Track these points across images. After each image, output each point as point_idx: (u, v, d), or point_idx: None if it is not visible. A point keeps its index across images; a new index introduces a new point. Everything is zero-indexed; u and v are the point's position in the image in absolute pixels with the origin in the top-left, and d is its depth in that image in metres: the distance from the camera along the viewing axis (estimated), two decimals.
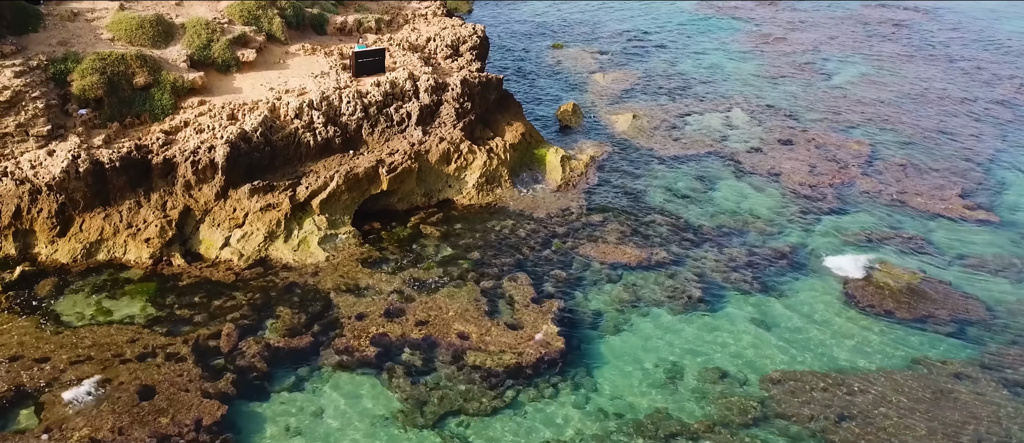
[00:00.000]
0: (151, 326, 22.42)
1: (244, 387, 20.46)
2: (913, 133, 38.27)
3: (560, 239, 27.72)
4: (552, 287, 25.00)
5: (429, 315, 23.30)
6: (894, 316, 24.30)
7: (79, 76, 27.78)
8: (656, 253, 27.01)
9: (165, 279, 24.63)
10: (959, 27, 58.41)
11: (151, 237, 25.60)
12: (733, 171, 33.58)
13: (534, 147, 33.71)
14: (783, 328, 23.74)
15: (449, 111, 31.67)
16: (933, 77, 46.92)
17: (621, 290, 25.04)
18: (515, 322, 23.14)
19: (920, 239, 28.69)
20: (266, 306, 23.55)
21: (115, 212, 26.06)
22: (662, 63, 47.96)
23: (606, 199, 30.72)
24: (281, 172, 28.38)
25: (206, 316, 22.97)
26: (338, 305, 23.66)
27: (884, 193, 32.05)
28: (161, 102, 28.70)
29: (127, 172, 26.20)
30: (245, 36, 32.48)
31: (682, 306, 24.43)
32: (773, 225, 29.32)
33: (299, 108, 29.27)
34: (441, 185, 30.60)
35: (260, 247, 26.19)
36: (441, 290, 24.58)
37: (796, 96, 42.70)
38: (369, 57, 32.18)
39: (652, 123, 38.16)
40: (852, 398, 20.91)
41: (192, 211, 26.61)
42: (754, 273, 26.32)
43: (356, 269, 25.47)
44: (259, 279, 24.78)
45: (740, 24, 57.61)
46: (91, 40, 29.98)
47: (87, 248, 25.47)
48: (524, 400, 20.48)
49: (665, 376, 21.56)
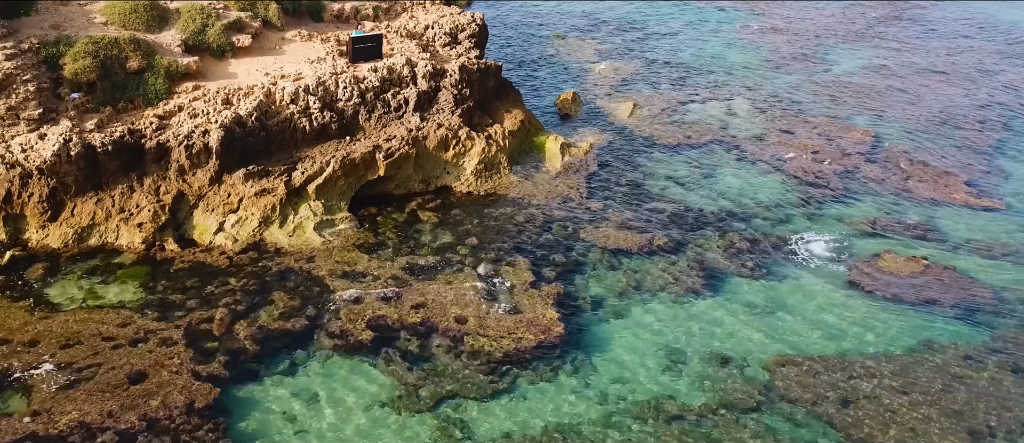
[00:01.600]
0: (143, 311, 22.03)
1: (237, 370, 20.08)
2: (917, 122, 37.83)
3: (559, 225, 27.30)
4: (551, 272, 24.58)
5: (426, 300, 22.88)
6: (900, 301, 23.87)
7: (71, 60, 27.36)
8: (657, 239, 26.58)
9: (158, 264, 24.22)
10: (961, 18, 57.98)
11: (144, 222, 25.18)
12: (735, 158, 33.15)
13: (533, 134, 33.27)
14: (786, 313, 23.31)
15: (447, 97, 31.24)
16: (936, 66, 46.49)
17: (621, 276, 24.62)
18: (514, 307, 22.71)
19: (925, 226, 28.24)
20: (260, 291, 23.14)
21: (107, 197, 25.65)
22: (663, 53, 47.51)
23: (606, 186, 30.29)
24: (276, 157, 27.96)
25: (199, 301, 22.57)
26: (334, 289, 23.24)
27: (888, 181, 31.61)
28: (155, 86, 28.29)
29: (120, 156, 25.78)
30: (240, 21, 32.04)
31: (683, 292, 24.01)
32: (776, 212, 28.89)
33: (295, 93, 28.85)
34: (439, 171, 30.17)
35: (255, 232, 25.78)
36: (439, 275, 24.17)
37: (798, 85, 42.27)
38: (366, 43, 31.74)
39: (653, 112, 37.73)
40: (858, 382, 20.49)
41: (186, 196, 26.20)
42: (756, 259, 25.89)
43: (352, 254, 25.06)
44: (253, 264, 24.38)
45: (741, 14, 57.17)
46: (84, 24, 29.55)
47: (79, 233, 25.06)
48: (523, 384, 20.07)
49: (666, 361, 21.14)
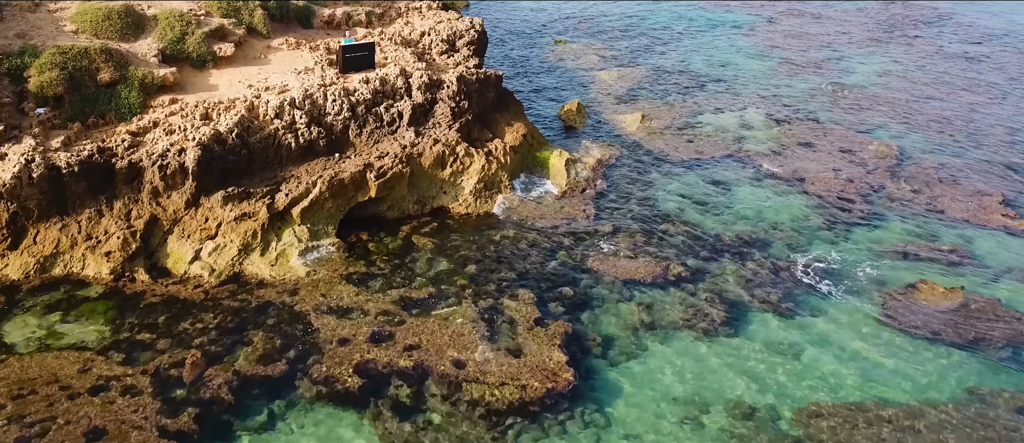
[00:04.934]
0: (107, 352, 19.89)
1: (209, 425, 17.95)
2: (941, 134, 35.70)
3: (566, 251, 25.16)
4: (558, 306, 22.45)
5: (420, 339, 20.74)
6: (940, 339, 21.77)
7: (37, 72, 25.25)
8: (672, 267, 24.46)
9: (126, 298, 22.09)
10: (978, 22, 55.84)
11: (112, 250, 23.04)
12: (752, 175, 31.02)
13: (536, 149, 31.14)
14: (817, 353, 21.19)
15: (444, 110, 29.12)
16: (956, 74, 44.35)
17: (635, 310, 22.50)
18: (517, 347, 20.59)
19: (961, 251, 26.11)
20: (238, 329, 21.00)
21: (73, 222, 23.51)
22: (670, 59, 45.38)
23: (615, 206, 28.15)
24: (259, 177, 25.82)
25: (170, 341, 20.43)
26: (318, 328, 21.10)
27: (917, 200, 29.48)
28: (128, 100, 26.16)
29: (87, 178, 23.64)
30: (223, 29, 29.90)
31: (703, 329, 21.88)
32: (798, 235, 26.76)
33: (280, 107, 26.73)
34: (435, 191, 28.01)
35: (233, 261, 23.63)
36: (434, 310, 22.02)
37: (813, 94, 40.16)
38: (357, 52, 29.61)
39: (662, 123, 35.61)
40: (901, 436, 18.38)
41: (159, 221, 24.07)
42: (781, 290, 23.78)
43: (339, 286, 22.91)
44: (231, 298, 22.23)
45: (750, 18, 55.07)
46: (53, 32, 27.40)
47: (41, 263, 22.92)
48: (527, 441, 17.92)
49: (686, 412, 19.02)
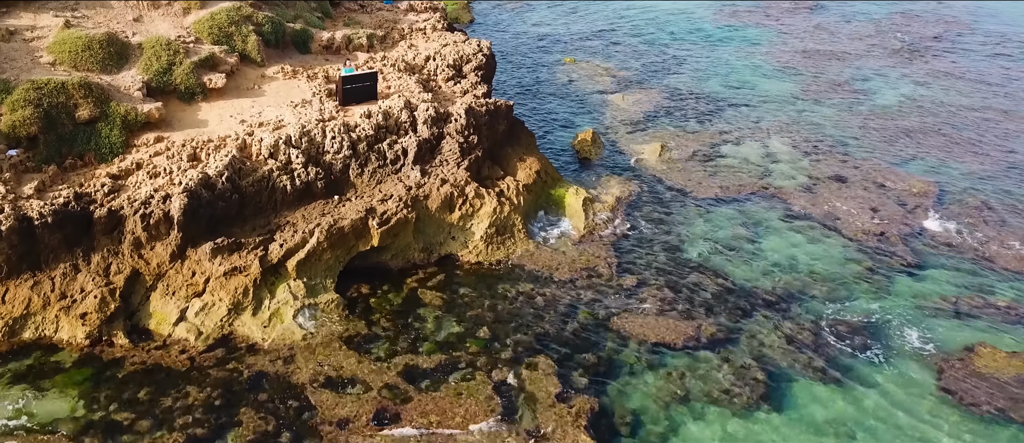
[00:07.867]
0: (80, 437, 17.72)
1: None
2: (982, 166, 33.41)
3: (586, 309, 22.99)
4: (581, 377, 20.27)
5: (430, 420, 18.57)
6: (1008, 417, 19.58)
7: (9, 109, 23.19)
8: (704, 328, 22.30)
9: (104, 366, 19.99)
10: (1008, 37, 53.36)
11: (89, 311, 20.88)
12: (781, 215, 28.85)
13: (551, 186, 28.97)
14: (871, 433, 19.02)
15: (452, 146, 26.96)
16: (991, 96, 41.95)
17: (665, 380, 20.34)
18: (537, 428, 18.43)
19: (1020, 308, 23.90)
20: (227, 405, 18.86)
21: (46, 279, 21.37)
22: (686, 80, 43.18)
23: (638, 254, 25.95)
24: (251, 224, 23.68)
25: (151, 421, 18.33)
26: (316, 405, 18.94)
27: (964, 244, 27.27)
28: (109, 140, 24.09)
29: (63, 228, 21.51)
30: (214, 57, 27.77)
31: (742, 403, 19.71)
32: (838, 287, 24.58)
33: (274, 145, 24.60)
34: (443, 237, 25.83)
35: (223, 322, 21.47)
36: (444, 383, 19.85)
37: (839, 121, 37.95)
38: (359, 82, 27.45)
39: (683, 154, 33.43)
40: None
41: (141, 276, 21.94)
42: (824, 354, 21.61)
43: (339, 352, 20.73)
44: (219, 367, 20.07)
45: (765, 33, 52.85)
46: (27, 64, 25.26)
47: (10, 325, 20.80)
48: None
49: None
